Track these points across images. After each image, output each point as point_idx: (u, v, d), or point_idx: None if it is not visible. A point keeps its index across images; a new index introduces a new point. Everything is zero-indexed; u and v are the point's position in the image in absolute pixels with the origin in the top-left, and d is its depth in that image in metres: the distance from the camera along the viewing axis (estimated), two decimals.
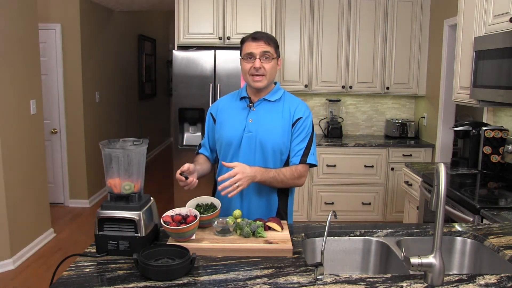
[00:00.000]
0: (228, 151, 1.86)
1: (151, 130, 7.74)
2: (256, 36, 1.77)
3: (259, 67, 1.75)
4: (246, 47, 1.79)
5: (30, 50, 3.64)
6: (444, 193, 1.23)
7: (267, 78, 1.78)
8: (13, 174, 3.38)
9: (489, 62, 2.45)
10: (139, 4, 5.43)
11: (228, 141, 1.84)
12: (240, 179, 1.62)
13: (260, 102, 1.84)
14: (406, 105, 4.83)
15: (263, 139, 1.80)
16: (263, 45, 1.76)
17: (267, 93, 1.85)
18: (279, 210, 1.90)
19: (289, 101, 1.87)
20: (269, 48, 1.77)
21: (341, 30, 4.38)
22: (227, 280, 1.28)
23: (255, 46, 1.76)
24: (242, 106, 1.87)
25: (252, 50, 1.76)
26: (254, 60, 1.76)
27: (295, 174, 1.78)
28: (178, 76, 3.82)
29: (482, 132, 2.82)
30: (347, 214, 4.27)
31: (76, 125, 4.77)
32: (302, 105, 1.87)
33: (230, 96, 1.97)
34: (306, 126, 1.83)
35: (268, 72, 1.78)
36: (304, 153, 1.81)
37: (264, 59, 1.76)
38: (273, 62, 1.79)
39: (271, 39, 1.79)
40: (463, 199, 2.26)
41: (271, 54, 1.77)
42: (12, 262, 3.35)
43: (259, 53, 1.75)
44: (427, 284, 1.25)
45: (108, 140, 1.49)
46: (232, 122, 1.85)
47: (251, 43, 1.77)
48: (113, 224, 1.43)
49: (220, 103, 1.96)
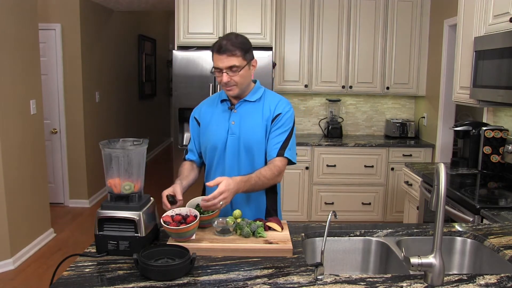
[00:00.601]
0: (214, 154, 1.85)
1: (151, 130, 7.74)
2: (220, 50, 1.68)
3: (227, 81, 1.70)
4: (214, 59, 1.72)
5: (30, 50, 3.63)
6: (444, 193, 1.23)
7: (238, 87, 1.74)
8: (13, 174, 3.38)
9: (489, 62, 2.45)
10: (139, 4, 5.43)
11: (213, 145, 1.84)
12: (225, 198, 1.57)
13: (240, 104, 1.82)
14: (406, 105, 4.83)
15: (247, 140, 1.79)
16: (228, 59, 1.67)
17: (247, 94, 1.83)
18: (268, 208, 1.90)
19: (269, 99, 1.85)
20: (235, 59, 1.68)
21: (341, 30, 4.38)
22: (227, 280, 1.28)
23: (220, 60, 1.69)
24: (223, 108, 1.85)
25: (218, 65, 1.70)
26: (222, 73, 1.70)
27: (274, 172, 1.76)
28: (178, 76, 3.82)
29: (482, 132, 2.82)
30: (347, 214, 4.27)
31: (76, 125, 4.77)
32: (282, 101, 1.85)
33: (211, 99, 1.95)
34: (285, 121, 1.81)
35: (239, 81, 1.72)
36: (281, 147, 1.78)
37: (232, 72, 1.70)
38: (242, 71, 1.71)
39: (237, 47, 1.68)
40: (463, 199, 2.26)
41: (237, 67, 1.69)
42: (12, 262, 3.35)
43: (224, 68, 1.69)
44: (427, 284, 1.25)
45: (108, 140, 1.49)
46: (215, 125, 1.84)
47: (216, 56, 1.70)
48: (113, 224, 1.43)
49: (202, 106, 1.93)
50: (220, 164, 1.85)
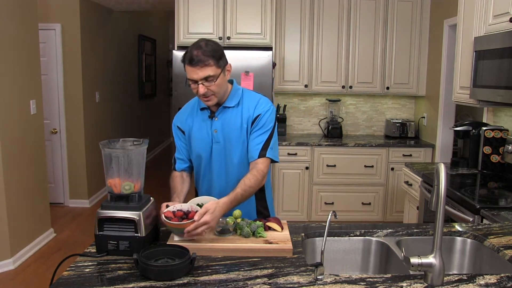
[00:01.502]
0: (200, 163, 1.84)
1: (151, 130, 7.74)
2: (192, 62, 1.62)
3: (204, 92, 1.65)
4: (186, 71, 1.66)
5: (30, 50, 3.63)
6: (444, 193, 1.23)
7: (216, 96, 1.70)
8: (13, 174, 3.38)
9: (489, 62, 2.45)
10: (139, 4, 5.43)
11: (197, 154, 1.83)
12: (209, 226, 1.49)
13: (220, 111, 1.78)
14: (406, 105, 4.83)
15: (231, 148, 1.78)
16: (201, 70, 1.62)
17: (226, 99, 1.78)
18: (258, 208, 1.89)
19: (248, 101, 1.80)
20: (209, 69, 1.62)
21: (341, 30, 4.39)
22: (227, 280, 1.28)
23: (194, 72, 1.63)
24: (204, 117, 1.81)
25: (192, 77, 1.64)
26: (197, 85, 1.65)
27: (258, 177, 1.70)
28: (178, 76, 3.82)
29: (482, 132, 2.82)
30: (347, 214, 4.27)
31: (76, 125, 4.77)
32: (261, 101, 1.80)
33: (190, 107, 1.89)
34: (266, 122, 1.77)
35: (216, 90, 1.68)
36: (263, 147, 1.75)
37: (208, 82, 1.64)
38: (218, 80, 1.66)
39: (209, 56, 1.62)
40: (463, 199, 2.26)
41: (212, 77, 1.64)
42: (12, 262, 3.35)
43: (199, 79, 1.63)
44: (427, 284, 1.25)
45: (108, 140, 1.49)
46: (198, 135, 1.81)
47: (189, 68, 1.64)
48: (113, 224, 1.43)
49: (183, 115, 1.88)
50: (207, 173, 1.85)
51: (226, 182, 1.83)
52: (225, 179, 1.82)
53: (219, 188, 1.84)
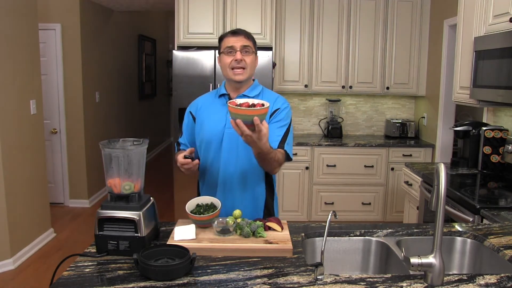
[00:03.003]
0: (209, 149, 1.84)
1: (151, 130, 7.74)
2: (236, 31, 1.80)
3: (240, 59, 1.76)
4: (225, 42, 1.80)
5: (30, 50, 3.64)
6: (444, 193, 1.23)
7: (247, 72, 1.79)
8: (13, 174, 3.38)
9: (489, 62, 2.45)
10: (139, 4, 5.43)
11: (208, 139, 1.83)
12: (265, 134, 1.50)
13: (239, 98, 1.81)
14: (406, 105, 4.83)
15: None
16: (243, 40, 1.78)
17: (246, 89, 1.85)
18: (267, 203, 1.88)
19: (267, 95, 1.88)
20: (249, 42, 1.79)
21: (341, 30, 4.38)
22: (227, 280, 1.28)
23: (235, 40, 1.78)
24: (222, 103, 1.86)
25: (232, 44, 1.77)
26: (234, 53, 1.76)
27: (280, 160, 1.74)
28: (178, 76, 3.82)
29: (482, 132, 2.82)
30: (347, 214, 4.27)
31: (76, 125, 4.77)
32: (280, 98, 1.88)
33: (209, 94, 1.97)
34: (284, 116, 1.82)
35: (249, 65, 1.78)
36: (281, 140, 1.78)
37: (245, 52, 1.78)
38: (252, 56, 1.80)
39: (250, 35, 1.82)
40: (463, 199, 2.26)
41: (251, 48, 1.79)
42: (12, 262, 3.35)
43: (239, 47, 1.77)
44: (427, 284, 1.25)
45: (108, 140, 1.49)
46: (212, 120, 1.85)
47: (231, 38, 1.79)
48: (113, 224, 1.43)
49: (199, 101, 1.95)
50: (216, 160, 1.84)
51: (233, 172, 1.82)
52: (234, 168, 1.81)
53: (223, 178, 1.83)
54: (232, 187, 1.83)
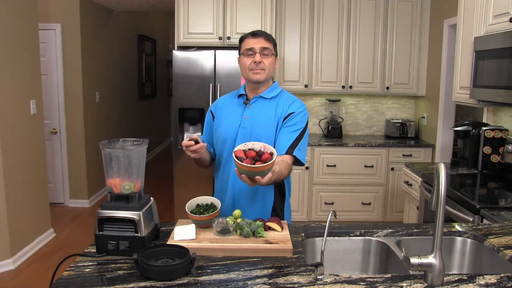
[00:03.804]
0: (224, 148, 1.87)
1: (151, 130, 7.74)
2: (256, 33, 1.83)
3: (259, 61, 1.78)
4: (245, 44, 1.82)
5: (30, 50, 3.64)
6: (444, 193, 1.23)
7: (266, 73, 1.81)
8: (13, 174, 3.38)
9: (489, 62, 2.45)
10: (139, 4, 5.43)
11: (223, 138, 1.86)
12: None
13: (256, 99, 1.86)
14: (406, 105, 4.83)
15: (257, 136, 1.80)
16: (263, 41, 1.80)
17: (264, 91, 1.87)
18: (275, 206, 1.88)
19: (284, 98, 1.88)
20: (269, 44, 1.81)
21: (341, 30, 4.38)
22: (227, 280, 1.28)
23: (255, 42, 1.80)
24: (239, 103, 1.90)
25: (252, 45, 1.80)
26: (254, 55, 1.79)
27: (285, 172, 1.71)
28: (178, 76, 3.82)
29: (482, 132, 2.82)
30: (347, 214, 4.27)
31: (76, 125, 4.77)
32: (297, 102, 1.87)
33: (229, 94, 2.01)
34: (298, 121, 1.81)
35: (267, 67, 1.81)
36: (291, 145, 1.77)
37: (264, 54, 1.80)
38: (271, 58, 1.82)
39: (270, 37, 1.84)
40: (463, 199, 2.26)
41: (270, 50, 1.81)
42: (12, 262, 3.35)
43: (259, 48, 1.79)
44: (427, 284, 1.25)
45: (108, 140, 1.49)
46: (228, 119, 1.88)
47: (250, 40, 1.81)
48: (113, 224, 1.43)
49: (219, 101, 2.00)
50: (229, 158, 1.85)
51: None
52: None
53: (234, 176, 1.81)
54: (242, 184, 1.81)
